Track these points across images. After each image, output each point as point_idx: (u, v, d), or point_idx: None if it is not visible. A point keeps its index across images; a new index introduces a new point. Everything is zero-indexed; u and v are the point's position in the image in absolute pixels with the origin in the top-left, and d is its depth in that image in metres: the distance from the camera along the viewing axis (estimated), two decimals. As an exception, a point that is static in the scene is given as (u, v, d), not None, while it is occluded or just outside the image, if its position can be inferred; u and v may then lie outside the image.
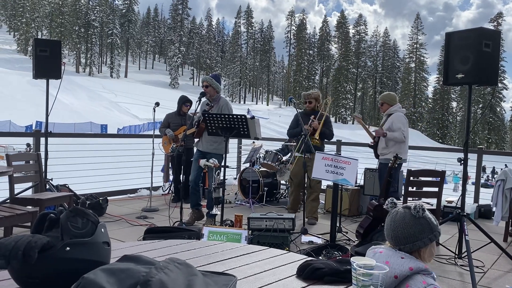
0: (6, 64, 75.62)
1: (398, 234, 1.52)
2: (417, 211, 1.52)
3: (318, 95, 5.76)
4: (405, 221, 1.52)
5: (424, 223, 1.52)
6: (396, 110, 5.27)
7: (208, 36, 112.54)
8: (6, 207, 3.82)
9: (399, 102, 5.48)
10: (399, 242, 1.52)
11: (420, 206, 1.52)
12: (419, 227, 1.51)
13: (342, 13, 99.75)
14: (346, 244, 4.58)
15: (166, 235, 3.95)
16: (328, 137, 5.66)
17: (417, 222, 1.51)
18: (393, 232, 1.53)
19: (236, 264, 1.55)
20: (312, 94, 5.72)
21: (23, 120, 38.11)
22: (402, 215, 1.54)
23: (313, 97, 5.69)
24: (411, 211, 1.53)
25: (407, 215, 1.53)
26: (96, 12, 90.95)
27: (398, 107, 5.34)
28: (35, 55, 5.33)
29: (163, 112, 7.41)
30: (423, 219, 1.52)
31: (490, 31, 3.99)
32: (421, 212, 1.52)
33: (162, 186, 7.52)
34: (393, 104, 5.33)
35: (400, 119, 5.20)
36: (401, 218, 1.53)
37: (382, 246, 1.55)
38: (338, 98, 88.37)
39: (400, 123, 5.17)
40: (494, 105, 74.13)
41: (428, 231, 1.52)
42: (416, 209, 1.52)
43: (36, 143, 5.82)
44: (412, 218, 1.52)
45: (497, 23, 75.78)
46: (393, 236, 1.53)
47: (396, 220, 1.54)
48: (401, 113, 5.27)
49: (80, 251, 1.11)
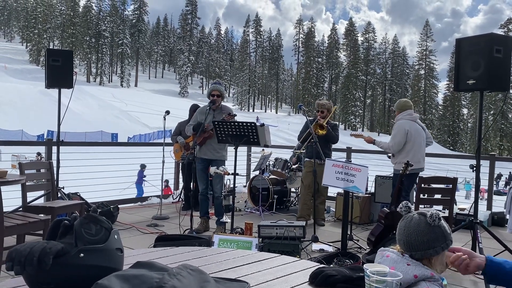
0: (18, 74, 76.79)
1: (411, 240, 1.50)
2: (433, 220, 1.49)
3: (331, 107, 5.93)
4: (419, 228, 1.50)
5: (439, 231, 1.50)
6: (400, 118, 5.12)
7: (217, 45, 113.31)
8: (19, 215, 3.86)
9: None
10: (411, 248, 1.50)
11: (436, 215, 1.50)
12: (433, 235, 1.49)
13: (351, 20, 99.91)
14: (358, 252, 4.54)
15: (177, 243, 3.95)
16: (332, 139, 5.83)
17: (431, 230, 1.49)
18: (406, 238, 1.52)
19: (248, 271, 1.54)
20: (326, 105, 5.90)
21: (35, 130, 38.55)
22: (417, 222, 1.52)
23: (326, 108, 5.86)
24: (426, 219, 1.51)
25: (422, 222, 1.51)
26: (106, 22, 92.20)
27: (406, 114, 5.12)
28: (48, 65, 5.41)
29: (173, 120, 7.45)
30: (437, 228, 1.50)
31: (501, 36, 3.97)
32: (437, 221, 1.50)
33: (172, 194, 7.54)
34: (402, 111, 5.19)
35: (398, 127, 5.03)
36: (415, 225, 1.51)
37: (391, 250, 1.54)
38: (347, 106, 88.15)
39: (395, 131, 5.05)
40: (506, 112, 73.31)
41: (441, 240, 1.50)
42: (432, 218, 1.50)
43: (48, 152, 5.88)
44: (427, 226, 1.50)
45: (507, 29, 75.19)
46: (405, 242, 1.52)
47: (410, 226, 1.52)
48: (404, 121, 5.06)
49: (94, 257, 1.11)
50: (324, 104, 5.86)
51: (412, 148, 4.98)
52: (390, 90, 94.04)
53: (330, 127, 5.78)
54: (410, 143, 4.97)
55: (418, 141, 5.02)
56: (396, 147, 5.02)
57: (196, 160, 5.22)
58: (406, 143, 4.97)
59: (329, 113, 5.86)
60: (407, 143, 4.97)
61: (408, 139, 4.96)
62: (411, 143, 4.97)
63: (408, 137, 4.96)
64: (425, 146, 5.15)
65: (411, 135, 4.97)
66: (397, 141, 4.99)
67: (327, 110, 5.84)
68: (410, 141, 4.97)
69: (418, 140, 5.01)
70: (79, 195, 5.77)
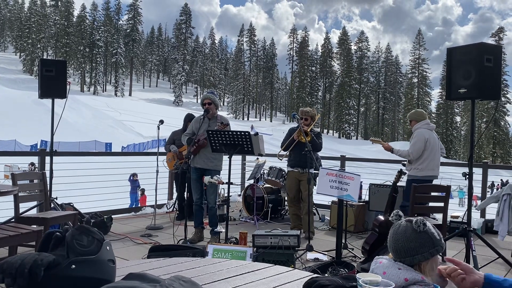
0: (12, 84, 76.46)
1: (398, 247, 1.53)
2: (418, 225, 1.53)
3: (315, 115, 5.89)
4: (406, 235, 1.53)
5: (426, 237, 1.53)
6: (419, 127, 5.28)
7: (211, 54, 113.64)
8: (11, 226, 3.82)
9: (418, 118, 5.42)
10: (399, 255, 1.53)
11: (421, 221, 1.53)
12: (420, 241, 1.52)
13: (344, 29, 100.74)
14: (352, 261, 4.53)
15: (171, 253, 3.93)
16: (316, 147, 5.69)
17: (418, 236, 1.52)
18: (394, 244, 1.55)
19: (242, 281, 1.54)
20: (310, 112, 5.84)
21: (28, 140, 38.33)
22: (404, 228, 1.55)
23: (310, 115, 5.79)
24: (412, 225, 1.54)
25: (409, 228, 1.54)
26: (100, 32, 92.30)
27: (424, 123, 5.29)
28: (41, 75, 5.40)
29: (167, 129, 7.45)
30: (424, 234, 1.53)
31: (491, 46, 4.03)
32: (422, 227, 1.52)
33: (166, 204, 7.51)
34: (420, 120, 5.33)
35: (418, 135, 5.20)
36: (402, 231, 1.55)
37: (385, 257, 1.56)
38: (341, 114, 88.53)
39: (415, 139, 5.20)
40: (498, 119, 73.94)
41: (429, 246, 1.52)
42: (417, 223, 1.53)
43: (41, 162, 5.85)
44: (413, 232, 1.53)
45: (498, 37, 76.13)
46: (394, 248, 1.55)
47: (398, 232, 1.56)
48: (424, 130, 5.24)
49: (86, 269, 1.11)
50: (308, 111, 5.82)
51: (429, 156, 5.16)
52: (383, 98, 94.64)
53: (314, 135, 5.71)
54: (428, 151, 5.16)
55: (435, 149, 5.21)
56: (415, 154, 5.17)
57: (190, 169, 5.21)
58: (424, 150, 5.15)
59: (312, 120, 5.80)
60: (425, 151, 5.15)
61: (427, 147, 5.15)
62: (429, 151, 5.16)
63: (427, 145, 5.15)
64: (439, 156, 5.33)
65: (430, 143, 5.16)
66: (417, 148, 5.15)
67: (311, 117, 5.78)
68: (428, 149, 5.15)
69: (435, 149, 5.21)
70: (73, 205, 5.73)
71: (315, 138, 5.70)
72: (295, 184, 5.74)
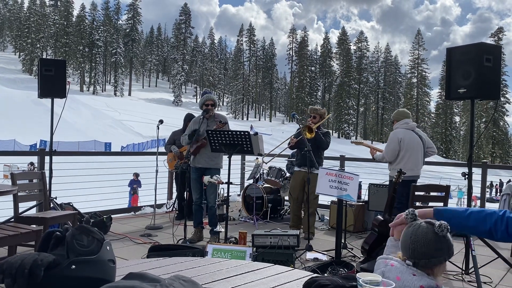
0: (11, 84, 76.41)
1: (416, 248, 1.50)
2: (442, 230, 1.49)
3: (324, 113, 5.90)
4: (426, 237, 1.50)
5: (444, 242, 1.50)
6: (397, 127, 5.19)
7: (211, 54, 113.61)
8: (11, 226, 3.82)
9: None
10: (415, 256, 1.49)
11: (445, 226, 1.50)
12: (439, 245, 1.49)
13: (343, 29, 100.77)
14: (352, 260, 4.53)
15: (170, 253, 3.93)
16: (321, 144, 5.68)
17: (438, 240, 1.49)
18: (412, 245, 1.51)
19: (241, 281, 1.54)
20: (319, 110, 5.86)
21: (28, 139, 38.31)
22: (424, 230, 1.51)
23: (318, 113, 5.81)
24: (434, 228, 1.51)
25: (430, 231, 1.50)
26: (100, 31, 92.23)
27: (402, 123, 5.17)
28: (41, 74, 5.39)
29: (167, 129, 7.45)
30: (444, 239, 1.50)
31: (491, 46, 4.03)
32: (445, 232, 1.50)
33: (166, 204, 7.51)
34: (399, 120, 5.23)
35: (392, 136, 5.12)
36: (423, 233, 1.51)
37: (395, 259, 1.53)
38: (340, 114, 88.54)
39: (389, 140, 5.15)
40: (497, 119, 74.01)
41: (446, 251, 1.50)
42: (441, 228, 1.49)
43: (41, 162, 5.84)
44: (434, 236, 1.50)
45: (497, 38, 76.20)
46: (411, 248, 1.51)
47: (417, 233, 1.52)
48: (399, 130, 5.14)
49: (86, 269, 1.11)
50: (316, 109, 5.86)
51: (404, 156, 5.02)
52: (383, 98, 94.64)
53: (322, 134, 5.70)
54: (403, 151, 5.02)
55: (412, 149, 5.04)
56: (390, 155, 5.08)
57: (190, 169, 5.20)
58: (400, 150, 5.03)
59: (321, 119, 5.83)
60: (400, 151, 5.03)
61: (402, 147, 5.02)
62: (404, 151, 5.02)
63: (401, 145, 5.02)
64: (423, 155, 5.16)
65: (405, 143, 5.02)
66: (391, 149, 5.06)
67: (320, 116, 5.81)
68: (403, 149, 5.02)
69: (412, 148, 5.04)
70: (72, 205, 5.72)
71: (322, 136, 5.68)
72: (300, 185, 5.71)
